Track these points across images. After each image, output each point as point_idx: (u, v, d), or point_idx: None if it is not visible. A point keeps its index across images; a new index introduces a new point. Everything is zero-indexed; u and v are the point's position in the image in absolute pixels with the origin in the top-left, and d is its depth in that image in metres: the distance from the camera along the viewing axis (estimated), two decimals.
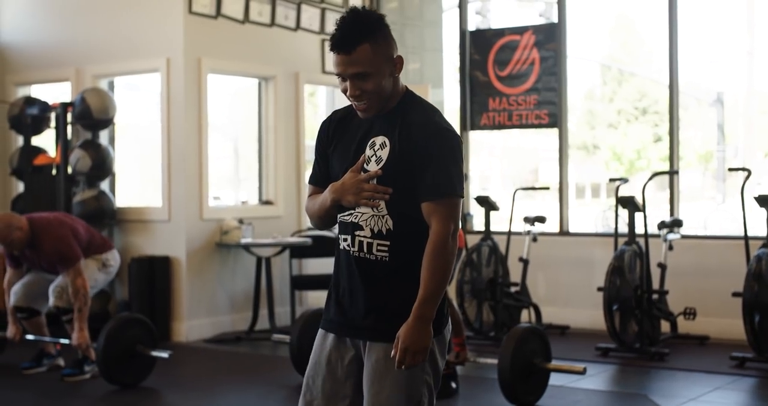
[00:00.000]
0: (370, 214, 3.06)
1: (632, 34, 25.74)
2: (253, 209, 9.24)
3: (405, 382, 3.06)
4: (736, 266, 8.20)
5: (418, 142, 3.01)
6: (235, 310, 8.97)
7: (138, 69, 8.96)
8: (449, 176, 3.02)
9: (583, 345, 8.15)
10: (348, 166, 3.11)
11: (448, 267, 3.01)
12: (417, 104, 3.12)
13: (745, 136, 20.94)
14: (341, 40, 2.99)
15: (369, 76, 2.99)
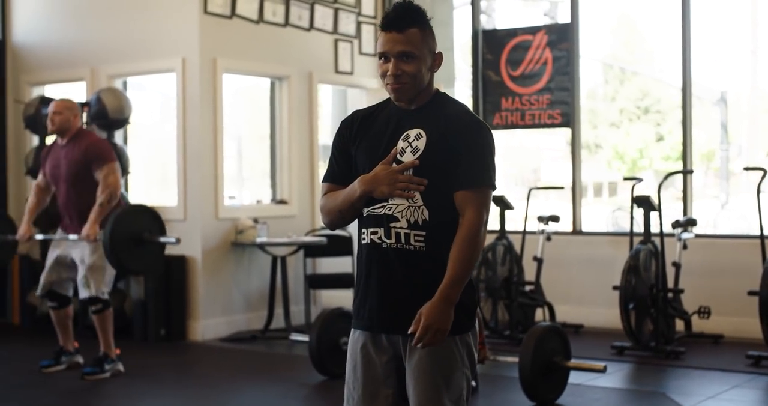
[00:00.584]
0: (406, 205, 3.09)
1: (634, 33, 25.77)
2: (267, 209, 9.28)
3: (448, 377, 3.10)
4: (750, 264, 8.25)
5: (456, 133, 3.08)
6: (250, 309, 9.00)
7: (153, 69, 9.00)
8: (485, 167, 3.09)
9: (598, 344, 8.19)
10: (378, 159, 3.13)
11: (477, 255, 3.07)
12: (451, 101, 3.21)
13: (749, 136, 20.97)
14: (395, 20, 3.08)
15: (413, 59, 3.07)
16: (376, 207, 3.14)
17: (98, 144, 6.95)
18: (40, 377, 7.07)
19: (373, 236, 3.15)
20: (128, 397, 6.56)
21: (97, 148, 6.88)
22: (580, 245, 9.24)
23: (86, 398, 6.50)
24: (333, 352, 6.79)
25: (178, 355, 8.01)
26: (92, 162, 6.83)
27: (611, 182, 25.68)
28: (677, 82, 8.62)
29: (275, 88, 9.54)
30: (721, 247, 8.66)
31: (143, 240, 6.74)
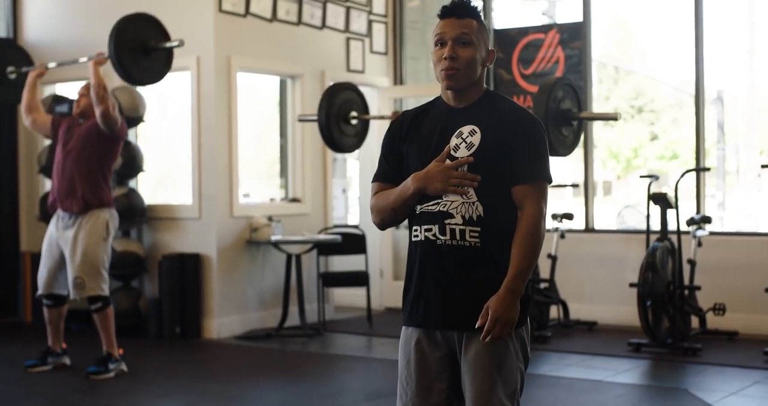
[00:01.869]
0: (460, 201, 3.10)
1: (628, 33, 25.84)
2: (281, 207, 9.30)
3: (504, 371, 3.12)
4: (764, 261, 8.32)
5: (512, 127, 3.11)
6: (264, 307, 9.01)
7: None
8: (543, 162, 3.14)
9: (612, 341, 8.23)
10: (429, 156, 3.15)
11: (539, 248, 3.10)
12: (502, 97, 3.25)
13: (746, 135, 21.05)
14: (454, 7, 3.15)
15: (470, 45, 3.12)
16: (429, 204, 3.15)
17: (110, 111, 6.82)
18: (59, 375, 7.06)
19: (428, 233, 3.16)
20: (144, 394, 6.55)
21: (107, 115, 6.79)
22: (593, 242, 9.28)
23: (104, 395, 6.48)
24: None
25: (193, 353, 8.02)
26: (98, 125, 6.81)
27: (605, 181, 25.77)
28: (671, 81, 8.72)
29: (286, 87, 9.55)
30: (736, 244, 8.71)
31: (149, 48, 6.67)
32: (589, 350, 7.93)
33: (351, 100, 6.81)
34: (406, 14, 10.42)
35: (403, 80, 10.41)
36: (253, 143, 10.42)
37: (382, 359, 7.72)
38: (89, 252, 6.76)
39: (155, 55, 6.83)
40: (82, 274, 6.74)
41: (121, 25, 6.65)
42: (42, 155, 9.24)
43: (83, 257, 6.74)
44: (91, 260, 6.77)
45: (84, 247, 6.75)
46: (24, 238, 9.78)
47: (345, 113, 6.73)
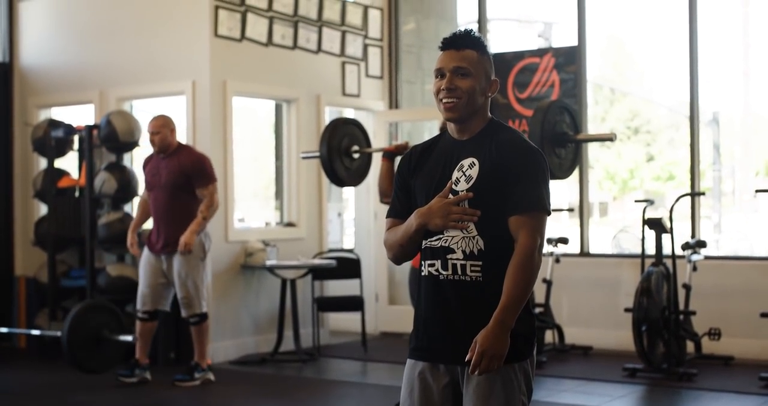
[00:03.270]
0: (461, 236, 3.12)
1: (623, 55, 25.93)
2: (276, 231, 9.29)
3: (506, 404, 3.11)
4: (759, 286, 8.33)
5: (509, 158, 3.10)
6: (259, 332, 9.00)
7: (163, 92, 9.01)
8: (539, 192, 3.11)
9: (608, 366, 8.21)
10: (433, 191, 3.16)
11: (533, 279, 3.07)
12: (504, 127, 3.24)
13: (741, 156, 21.09)
14: (453, 39, 3.18)
15: (468, 76, 3.14)
16: (433, 239, 3.17)
17: (202, 161, 7.50)
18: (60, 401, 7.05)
19: (431, 268, 3.19)
20: None
21: (202, 165, 7.46)
22: (589, 266, 9.28)
23: None
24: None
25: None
26: (195, 177, 7.39)
27: (602, 202, 25.81)
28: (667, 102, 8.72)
29: (281, 111, 9.57)
30: (731, 268, 8.71)
31: (102, 338, 6.79)
32: (585, 376, 7.91)
33: (352, 134, 6.83)
34: (401, 38, 10.44)
35: (398, 104, 10.43)
36: (248, 166, 10.44)
37: (377, 384, 7.71)
38: (192, 275, 7.40)
39: (108, 345, 7.17)
40: (188, 294, 7.41)
41: (79, 315, 6.94)
42: (37, 180, 9.25)
43: (187, 280, 7.39)
44: (194, 282, 7.42)
45: (186, 270, 7.38)
46: (19, 262, 9.76)
47: (347, 148, 6.75)
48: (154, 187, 7.50)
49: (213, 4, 8.63)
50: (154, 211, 7.53)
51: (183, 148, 7.54)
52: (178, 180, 7.39)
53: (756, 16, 19.20)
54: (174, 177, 7.39)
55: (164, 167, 7.45)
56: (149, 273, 7.53)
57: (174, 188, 7.40)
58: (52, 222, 8.97)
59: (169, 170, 7.42)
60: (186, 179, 7.40)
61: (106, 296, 8.59)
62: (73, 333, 6.60)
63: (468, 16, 11.14)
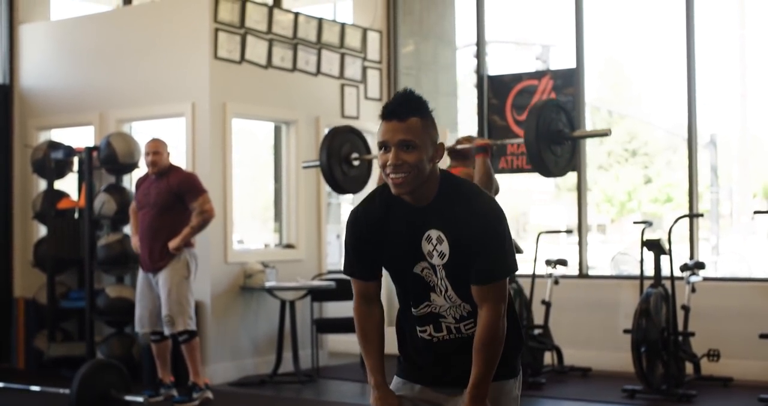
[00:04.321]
0: (447, 305, 3.18)
1: (621, 77, 26.03)
2: (275, 253, 9.30)
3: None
4: (758, 307, 8.34)
5: (469, 228, 3.06)
6: (258, 353, 9.00)
7: (163, 113, 9.04)
8: (500, 260, 3.09)
9: (607, 387, 8.21)
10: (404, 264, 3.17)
11: (499, 350, 3.12)
12: (458, 187, 3.15)
13: (739, 178, 21.13)
14: (396, 108, 3.05)
15: (414, 148, 3.03)
16: (421, 307, 3.22)
17: (190, 178, 7.65)
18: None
19: (423, 334, 3.26)
20: None
21: (189, 181, 7.59)
22: (587, 288, 9.29)
23: None
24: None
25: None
26: (185, 194, 7.50)
27: (600, 225, 25.83)
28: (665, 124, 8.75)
29: (281, 133, 9.60)
30: (729, 290, 8.72)
31: (110, 398, 6.80)
32: (584, 397, 7.91)
33: (351, 141, 6.88)
34: (400, 60, 10.49)
35: None
36: (247, 188, 10.46)
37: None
38: (174, 292, 7.43)
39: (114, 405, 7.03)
40: (170, 312, 7.42)
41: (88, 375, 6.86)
42: (36, 201, 9.27)
43: (169, 297, 7.42)
44: (178, 299, 7.45)
45: (168, 287, 7.43)
46: (18, 284, 9.77)
47: (346, 155, 6.80)
48: (144, 206, 7.60)
49: (213, 26, 8.68)
50: (142, 229, 7.60)
51: (172, 169, 7.62)
52: (167, 199, 7.49)
53: (753, 38, 19.30)
54: (163, 196, 7.49)
55: (155, 188, 7.56)
56: (144, 296, 7.61)
57: (162, 208, 7.49)
58: (51, 243, 8.99)
59: (158, 190, 7.52)
60: (175, 198, 7.50)
61: (105, 317, 8.61)
62: (81, 393, 6.61)
63: (466, 39, 11.21)
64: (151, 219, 7.53)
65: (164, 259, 7.47)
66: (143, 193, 7.65)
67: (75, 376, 6.73)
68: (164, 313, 7.45)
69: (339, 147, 6.74)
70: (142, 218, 7.61)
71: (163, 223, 7.50)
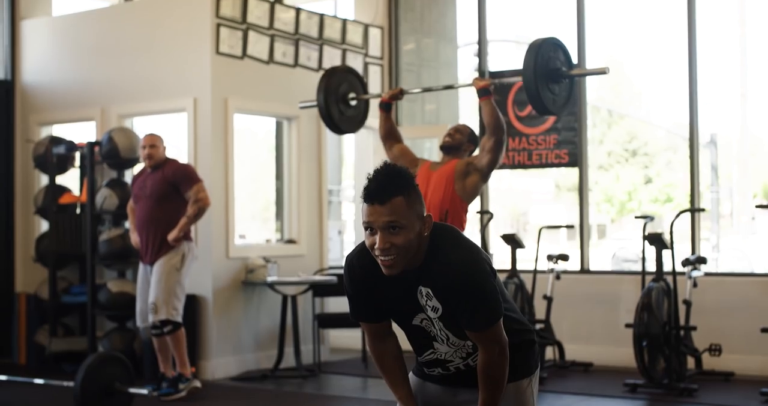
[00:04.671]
0: (452, 350, 3.23)
1: (622, 77, 26.02)
2: (277, 248, 9.31)
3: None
4: (759, 302, 8.34)
5: (453, 285, 3.05)
6: (259, 348, 9.00)
7: (164, 109, 9.05)
8: (486, 309, 3.08)
9: (608, 382, 8.22)
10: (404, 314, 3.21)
11: (502, 380, 3.15)
12: (438, 248, 3.12)
13: (739, 178, 21.14)
14: (377, 191, 2.98)
15: (401, 229, 2.99)
16: (426, 355, 3.29)
17: (184, 168, 7.62)
18: None
19: (432, 372, 3.34)
20: None
21: (184, 171, 7.57)
22: (589, 283, 9.30)
23: None
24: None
25: (189, 394, 7.96)
26: (180, 183, 7.48)
27: (600, 224, 25.84)
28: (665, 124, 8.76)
29: (282, 128, 9.61)
30: (731, 285, 8.73)
31: (114, 390, 6.79)
32: (585, 391, 7.91)
33: (349, 82, 6.89)
34: (401, 57, 10.49)
35: (398, 122, 10.46)
36: (249, 185, 10.46)
37: (378, 400, 7.69)
38: (162, 280, 7.40)
39: (119, 397, 6.95)
40: (156, 299, 7.39)
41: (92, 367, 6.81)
42: (39, 196, 9.27)
43: (157, 285, 7.39)
44: (165, 287, 7.40)
45: (158, 275, 7.41)
46: (19, 279, 9.77)
47: (344, 95, 6.83)
48: (141, 198, 7.59)
49: (214, 21, 8.69)
50: (139, 220, 7.58)
51: (168, 161, 7.61)
52: (163, 189, 7.47)
53: (753, 38, 19.31)
54: (159, 187, 7.48)
55: (150, 179, 7.56)
56: (144, 289, 7.59)
57: (159, 198, 7.47)
58: (53, 239, 9.00)
59: (154, 181, 7.52)
60: (170, 188, 7.48)
61: (106, 312, 8.61)
62: (86, 385, 6.61)
63: (468, 38, 11.21)
64: (148, 210, 7.51)
65: (162, 250, 7.46)
66: (139, 186, 7.64)
67: (79, 369, 6.73)
68: (150, 300, 7.42)
69: (336, 87, 6.77)
70: (140, 210, 7.60)
71: (160, 213, 7.47)
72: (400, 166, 3.06)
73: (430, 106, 10.80)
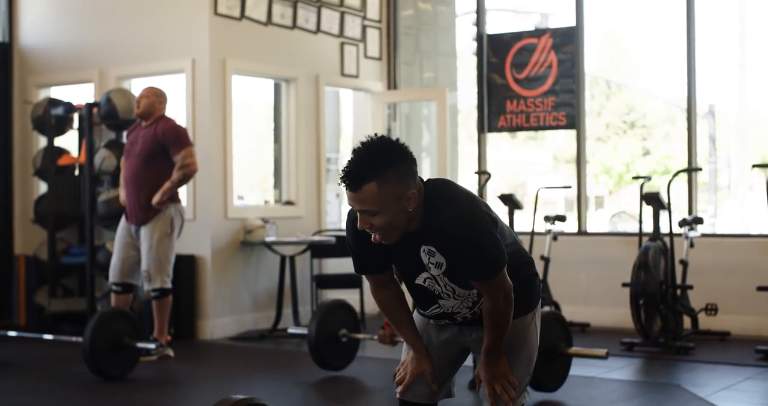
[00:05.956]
0: (457, 302, 3.26)
1: (620, 49, 25.97)
2: (275, 209, 9.33)
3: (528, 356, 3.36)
4: (755, 263, 8.37)
5: (456, 246, 3.07)
6: (258, 308, 9.04)
7: (162, 70, 9.03)
8: (490, 258, 3.08)
9: (605, 341, 8.21)
10: (407, 272, 3.25)
11: (508, 320, 3.18)
12: (435, 206, 3.09)
13: (737, 149, 21.14)
14: (348, 177, 2.97)
15: (376, 214, 2.98)
16: (431, 310, 3.32)
17: (177, 129, 7.45)
18: (61, 375, 7.10)
19: (439, 323, 3.38)
20: (140, 394, 6.52)
21: (176, 133, 7.43)
22: (586, 245, 9.33)
23: (102, 399, 6.46)
24: (331, 345, 6.88)
25: (188, 353, 8.01)
26: (170, 145, 7.35)
27: (597, 196, 25.84)
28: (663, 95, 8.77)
29: (280, 91, 9.61)
30: (727, 245, 8.76)
31: (123, 345, 6.82)
32: None
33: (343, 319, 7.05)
34: (400, 20, 10.49)
35: (396, 85, 10.47)
36: (247, 149, 10.47)
37: (375, 358, 7.73)
38: (154, 247, 7.34)
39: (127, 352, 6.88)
40: (149, 268, 7.37)
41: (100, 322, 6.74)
42: (37, 158, 9.28)
43: (149, 252, 7.34)
44: (157, 255, 7.36)
45: (149, 242, 7.34)
46: (18, 241, 9.80)
47: (335, 331, 6.96)
48: (131, 155, 7.51)
49: None
50: (126, 179, 7.51)
51: (162, 119, 7.48)
52: (153, 148, 7.37)
53: (752, 8, 19.26)
54: (149, 145, 7.38)
55: (142, 136, 7.46)
56: (121, 246, 7.53)
57: (147, 157, 7.38)
58: (51, 200, 9.02)
59: (145, 139, 7.41)
60: (160, 148, 7.36)
61: (105, 272, 8.62)
62: (95, 341, 6.64)
63: (466, 7, 11.19)
64: (136, 169, 7.43)
65: (148, 212, 7.37)
66: (131, 141, 7.58)
67: (88, 324, 6.76)
68: (143, 268, 7.39)
69: (330, 322, 6.97)
70: (128, 168, 7.52)
71: (147, 173, 7.37)
72: (386, 140, 3.01)
73: (428, 74, 10.80)
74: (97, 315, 6.82)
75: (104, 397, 6.36)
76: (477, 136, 9.92)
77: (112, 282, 7.58)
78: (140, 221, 7.41)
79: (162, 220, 7.38)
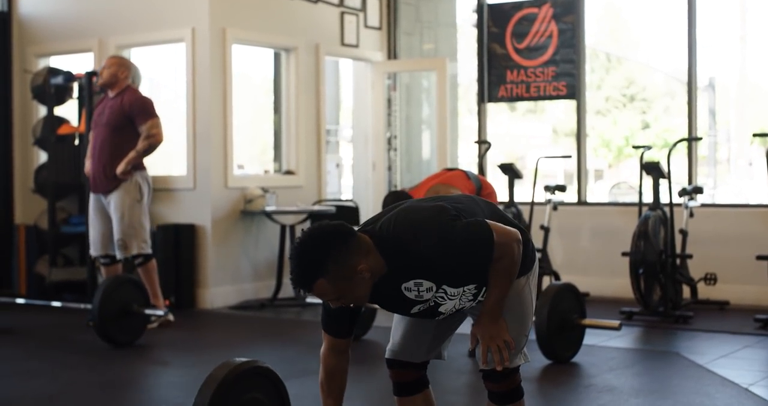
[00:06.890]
0: (455, 301, 3.27)
1: (620, 22, 25.89)
2: (275, 179, 9.33)
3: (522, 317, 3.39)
4: (754, 233, 8.39)
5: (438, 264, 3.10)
6: (258, 278, 9.06)
7: (162, 39, 9.02)
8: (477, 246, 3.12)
9: (605, 310, 8.25)
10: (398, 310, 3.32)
11: (514, 272, 3.22)
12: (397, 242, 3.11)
13: (737, 123, 21.11)
14: (297, 281, 3.03)
15: (336, 300, 3.08)
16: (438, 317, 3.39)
17: (143, 100, 7.40)
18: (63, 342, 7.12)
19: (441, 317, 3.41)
20: (140, 362, 6.56)
21: (142, 104, 7.36)
22: (586, 215, 9.34)
23: (103, 365, 6.48)
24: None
25: (188, 322, 8.03)
26: (136, 116, 7.31)
27: (597, 169, 25.83)
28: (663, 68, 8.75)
29: (280, 60, 9.59)
30: (727, 215, 8.77)
31: (131, 312, 6.83)
32: None
33: None
34: None
35: (396, 55, 10.45)
36: (247, 121, 10.45)
37: (376, 326, 7.74)
38: (126, 215, 7.31)
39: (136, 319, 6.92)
40: (123, 236, 7.31)
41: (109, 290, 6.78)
42: (37, 127, 9.27)
43: (121, 221, 7.30)
44: (131, 222, 7.32)
45: (120, 211, 7.30)
46: (18, 211, 9.81)
47: None
48: (97, 125, 7.47)
49: None
50: (93, 149, 7.49)
51: (128, 89, 7.43)
52: (118, 119, 7.32)
53: None
54: (115, 116, 7.33)
55: (109, 107, 7.41)
56: (95, 219, 7.50)
57: (114, 127, 7.33)
58: (51, 169, 9.02)
59: (112, 110, 7.37)
60: (126, 119, 7.32)
61: None
62: (104, 307, 6.66)
63: None
64: (102, 139, 7.39)
65: (113, 181, 7.32)
66: (98, 112, 7.53)
67: (97, 290, 6.79)
68: (116, 237, 7.33)
69: None
70: (94, 138, 7.49)
71: (113, 143, 7.32)
72: (315, 232, 3.02)
73: (428, 45, 10.77)
74: (107, 281, 6.85)
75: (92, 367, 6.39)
76: (477, 106, 9.91)
77: (96, 256, 7.57)
78: (107, 190, 7.35)
79: (130, 187, 7.34)
